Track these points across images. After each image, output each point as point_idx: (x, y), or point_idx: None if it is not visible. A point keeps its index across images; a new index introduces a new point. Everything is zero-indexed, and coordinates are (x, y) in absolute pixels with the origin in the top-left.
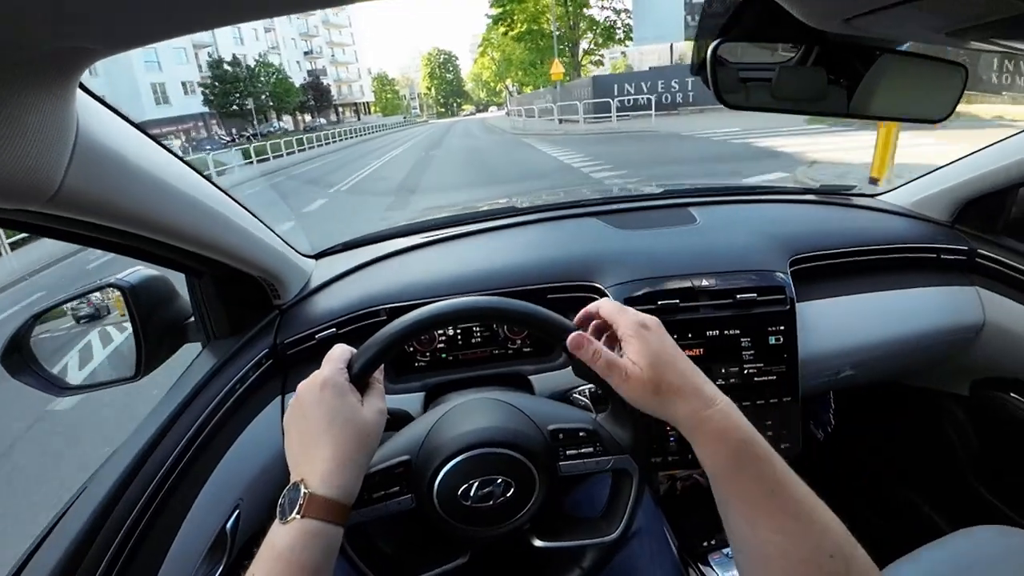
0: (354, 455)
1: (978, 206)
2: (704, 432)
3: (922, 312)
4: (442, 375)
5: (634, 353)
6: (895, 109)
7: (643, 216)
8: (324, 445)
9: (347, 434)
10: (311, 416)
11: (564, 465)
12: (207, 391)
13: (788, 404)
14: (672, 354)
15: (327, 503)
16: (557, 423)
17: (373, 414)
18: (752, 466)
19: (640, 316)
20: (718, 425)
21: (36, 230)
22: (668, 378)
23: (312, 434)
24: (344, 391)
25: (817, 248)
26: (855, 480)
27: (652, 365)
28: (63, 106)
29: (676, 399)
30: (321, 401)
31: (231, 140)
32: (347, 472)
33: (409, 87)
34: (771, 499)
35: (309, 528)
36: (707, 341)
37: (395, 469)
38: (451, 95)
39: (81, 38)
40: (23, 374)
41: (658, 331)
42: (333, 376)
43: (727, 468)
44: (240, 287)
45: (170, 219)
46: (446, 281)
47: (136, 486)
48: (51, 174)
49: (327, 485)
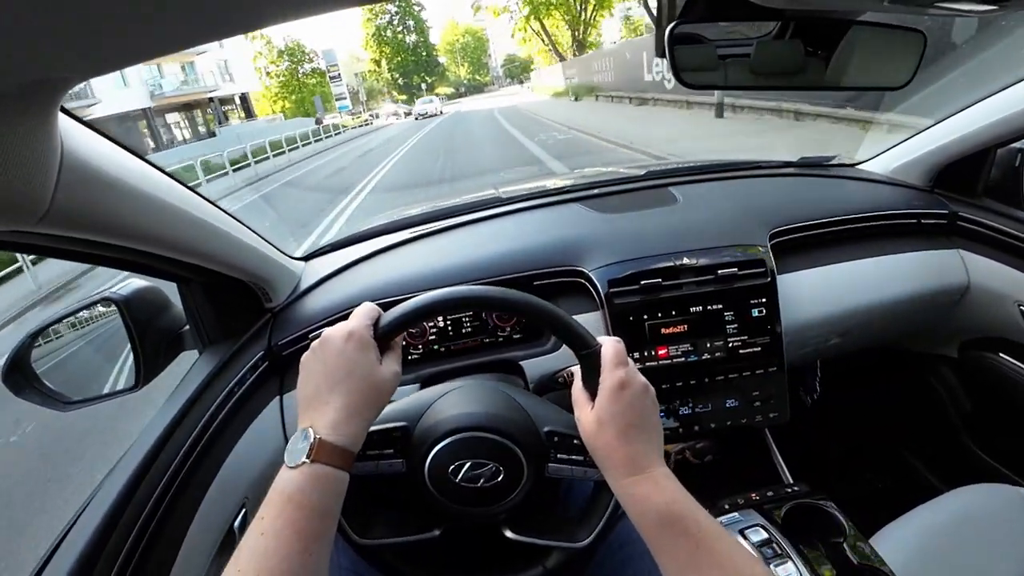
0: (364, 409)
1: (957, 169)
2: (627, 496)
3: (906, 277)
4: (436, 366)
5: (597, 406)
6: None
7: (625, 199)
8: (338, 394)
9: (362, 387)
10: (331, 364)
11: (552, 467)
12: (206, 396)
13: (774, 374)
14: (627, 422)
15: (335, 449)
16: (553, 426)
17: (389, 374)
18: (677, 523)
19: (622, 377)
20: (641, 492)
21: (30, 249)
22: (608, 441)
23: (329, 381)
24: (367, 346)
25: (797, 220)
26: (850, 444)
27: (600, 423)
28: (46, 130)
29: (607, 463)
30: (343, 352)
31: None
32: (355, 422)
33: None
34: (697, 553)
35: (318, 472)
36: (691, 317)
37: (393, 432)
38: (414, 70)
39: (58, 66)
40: (25, 392)
41: (630, 399)
42: (359, 330)
43: (653, 529)
44: (231, 293)
45: (157, 230)
46: (434, 274)
47: (144, 490)
48: (40, 195)
49: (336, 432)
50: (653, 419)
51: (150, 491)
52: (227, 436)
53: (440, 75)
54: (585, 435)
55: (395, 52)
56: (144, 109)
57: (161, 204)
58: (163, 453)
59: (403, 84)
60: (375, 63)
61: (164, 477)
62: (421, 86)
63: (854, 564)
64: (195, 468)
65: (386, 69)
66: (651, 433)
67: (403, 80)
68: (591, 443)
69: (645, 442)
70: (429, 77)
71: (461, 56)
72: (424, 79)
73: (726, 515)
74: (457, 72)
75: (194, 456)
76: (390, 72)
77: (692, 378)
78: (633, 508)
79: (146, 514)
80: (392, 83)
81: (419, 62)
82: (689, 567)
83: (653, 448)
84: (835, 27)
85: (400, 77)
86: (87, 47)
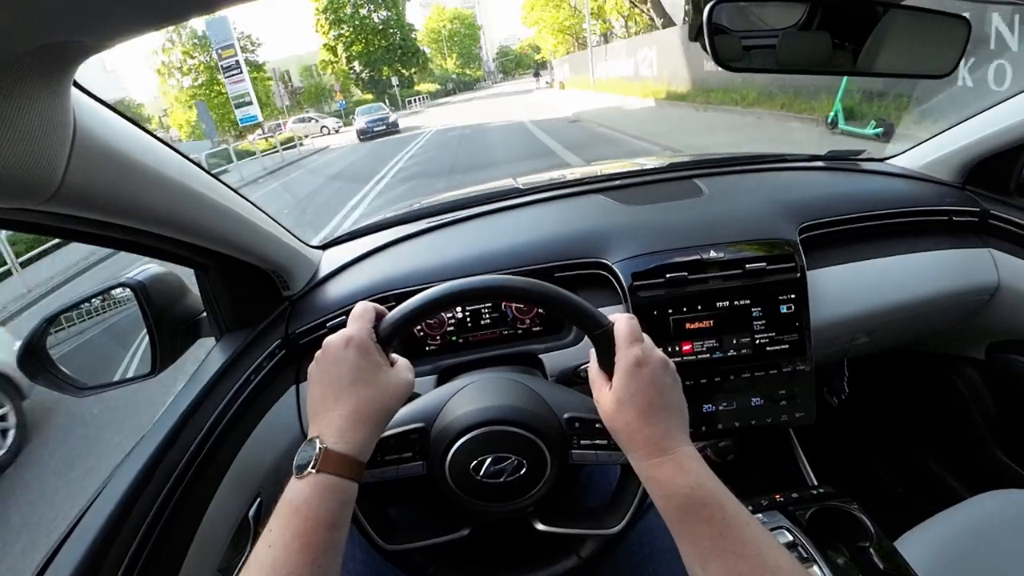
0: (372, 414)
1: (989, 166)
2: (650, 479)
3: (935, 275)
4: (454, 357)
5: (615, 387)
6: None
7: (649, 190)
8: (342, 402)
9: (367, 393)
10: (332, 372)
11: (576, 453)
12: (223, 384)
13: (801, 373)
14: (647, 401)
15: (341, 458)
16: (574, 411)
17: (400, 378)
18: (702, 510)
19: (638, 354)
20: (665, 474)
21: (41, 229)
22: (628, 422)
23: (332, 390)
24: (369, 350)
25: (827, 215)
26: (872, 446)
27: (619, 403)
28: (59, 104)
29: (629, 444)
30: (344, 359)
31: None
32: (362, 429)
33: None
34: (721, 541)
35: (324, 483)
36: (717, 312)
37: (410, 435)
38: (384, 58)
39: (73, 31)
40: (41, 377)
41: (649, 376)
42: (359, 334)
43: (676, 514)
44: (249, 280)
45: (172, 212)
46: (453, 264)
47: (158, 478)
48: (51, 172)
49: (341, 441)
50: (675, 396)
51: (165, 478)
52: (243, 424)
53: (421, 66)
54: (605, 417)
55: (357, 33)
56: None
57: (179, 186)
58: (179, 440)
59: (368, 78)
60: (329, 50)
61: (179, 464)
62: (392, 80)
63: (880, 569)
64: (211, 456)
65: (343, 58)
66: (674, 411)
67: (369, 72)
68: (612, 425)
69: (667, 420)
70: (405, 68)
71: (448, 46)
72: (399, 71)
73: None
74: (443, 65)
75: (210, 444)
76: (349, 62)
77: (717, 375)
78: (656, 491)
79: (160, 501)
80: (353, 77)
81: (391, 48)
82: (712, 555)
83: (677, 426)
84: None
85: (365, 69)
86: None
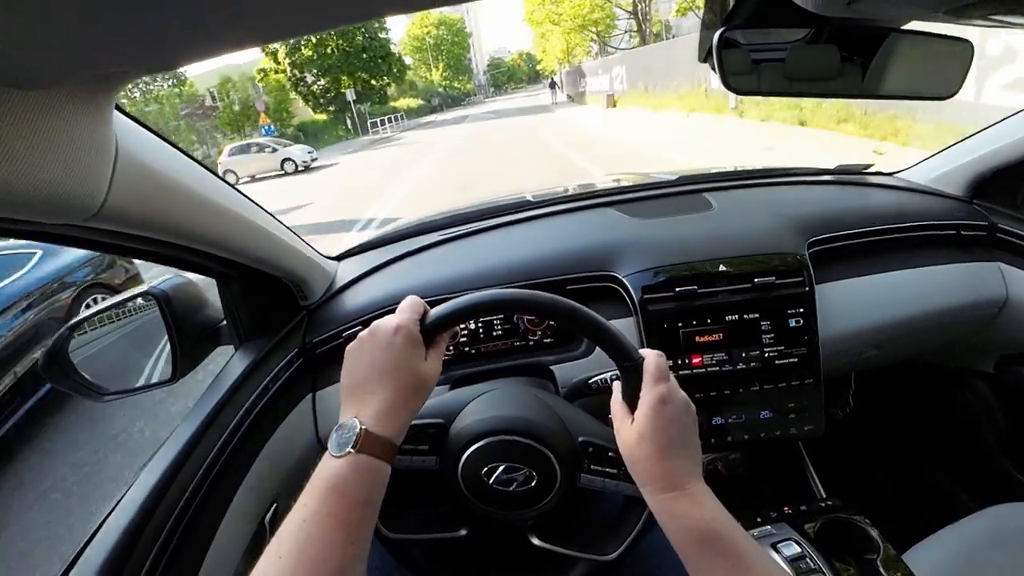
0: (409, 402)
1: (997, 180)
2: (664, 512)
3: (944, 289)
4: (466, 368)
5: (637, 420)
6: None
7: (659, 204)
8: (385, 386)
9: (407, 381)
10: (378, 356)
11: (584, 477)
12: (241, 391)
13: (810, 386)
14: (668, 438)
15: (380, 440)
16: (589, 436)
17: (432, 370)
18: (716, 543)
19: (663, 392)
20: (680, 509)
21: (81, 243)
22: (647, 456)
23: (375, 373)
24: (415, 341)
25: (835, 229)
26: (882, 459)
27: (640, 437)
28: (102, 127)
29: (645, 477)
30: (392, 345)
31: None
32: (400, 415)
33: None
34: (735, 572)
35: (363, 462)
36: (727, 326)
37: (428, 429)
38: (344, 65)
39: (116, 63)
40: (63, 382)
41: (672, 415)
42: (408, 324)
43: (691, 547)
44: (268, 290)
45: (205, 228)
46: (467, 276)
47: (179, 484)
48: (95, 191)
49: (381, 424)
50: (693, 437)
51: (184, 485)
52: (260, 432)
53: (395, 76)
54: (624, 449)
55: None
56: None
57: (209, 203)
58: (199, 448)
59: (322, 91)
60: (271, 57)
61: (199, 472)
62: (349, 94)
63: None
64: (229, 463)
65: (287, 64)
66: (691, 450)
67: (323, 84)
68: (630, 457)
69: (684, 458)
70: (374, 78)
71: (434, 55)
72: (365, 81)
73: (758, 528)
74: (428, 76)
75: (228, 451)
76: (293, 71)
77: (726, 388)
78: (671, 524)
79: (180, 508)
80: (303, 91)
81: (352, 51)
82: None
83: (692, 465)
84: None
85: (318, 79)
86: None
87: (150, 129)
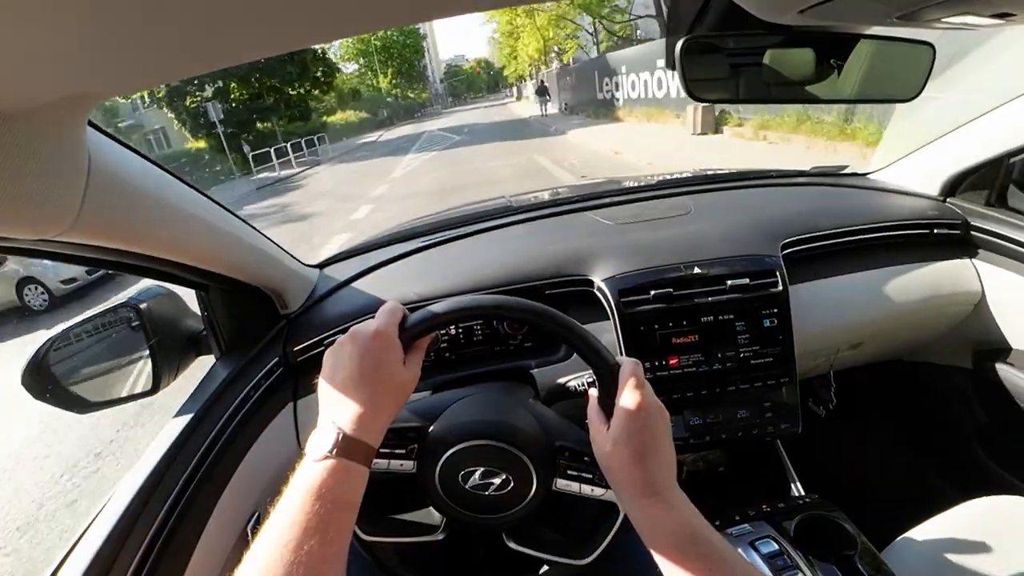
0: (387, 406)
1: (969, 179)
2: (640, 517)
3: (919, 288)
4: (447, 373)
5: (612, 426)
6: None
7: (636, 208)
8: (363, 391)
9: (386, 386)
10: (357, 361)
11: (561, 482)
12: (222, 401)
13: (786, 385)
14: (642, 443)
15: (358, 444)
16: (565, 441)
17: (411, 374)
18: (692, 547)
19: (639, 399)
20: (656, 514)
21: (57, 257)
22: (623, 462)
23: (354, 378)
24: (393, 346)
25: (809, 231)
26: (861, 455)
27: (615, 443)
28: (74, 143)
29: (622, 483)
30: (370, 349)
31: None
32: (378, 419)
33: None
34: (712, 575)
35: (340, 466)
36: (702, 327)
37: (407, 432)
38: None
39: (85, 83)
40: (45, 395)
41: (647, 420)
42: (386, 329)
43: (668, 551)
44: (247, 300)
45: (180, 239)
46: (447, 282)
47: (159, 494)
48: (69, 205)
49: (360, 428)
50: (667, 443)
51: (165, 495)
52: (242, 440)
53: (322, 83)
54: (600, 455)
55: None
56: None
57: (184, 214)
58: (180, 456)
59: (193, 110)
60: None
61: (180, 481)
62: (211, 107)
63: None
64: (210, 472)
65: None
66: (665, 456)
67: (204, 94)
68: (606, 463)
69: (659, 464)
70: (292, 86)
71: (382, 59)
72: (278, 89)
73: (736, 526)
74: (376, 83)
75: (209, 460)
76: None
77: (703, 388)
78: (647, 529)
79: (161, 517)
80: (165, 99)
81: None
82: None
83: (667, 470)
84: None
85: (199, 88)
86: (114, 65)
87: (126, 144)
